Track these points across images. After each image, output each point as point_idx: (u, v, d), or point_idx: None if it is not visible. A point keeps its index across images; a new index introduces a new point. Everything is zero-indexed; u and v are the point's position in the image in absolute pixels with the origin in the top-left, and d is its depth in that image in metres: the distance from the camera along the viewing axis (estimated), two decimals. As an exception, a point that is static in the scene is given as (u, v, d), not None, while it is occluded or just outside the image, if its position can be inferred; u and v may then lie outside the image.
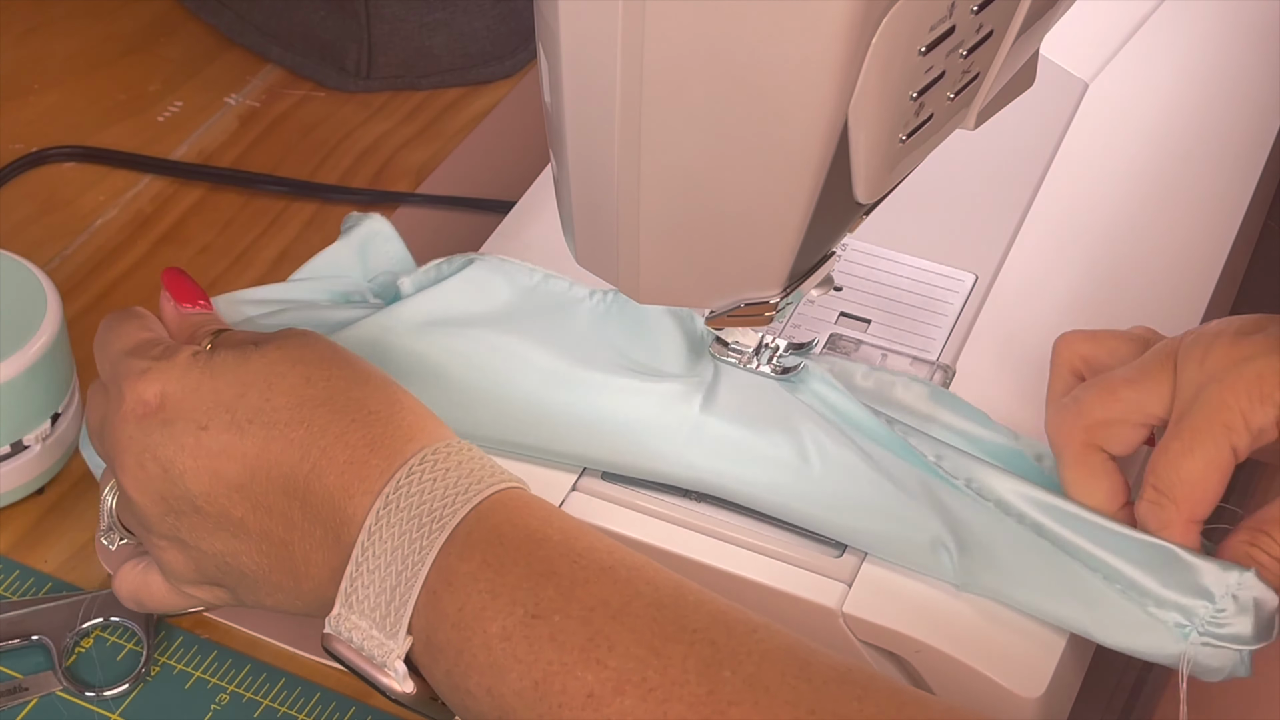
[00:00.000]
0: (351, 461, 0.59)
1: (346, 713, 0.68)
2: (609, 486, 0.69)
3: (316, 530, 0.60)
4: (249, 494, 0.60)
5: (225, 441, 0.61)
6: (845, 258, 0.78)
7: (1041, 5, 0.61)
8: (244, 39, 1.01)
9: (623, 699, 0.54)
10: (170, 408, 0.62)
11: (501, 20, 1.00)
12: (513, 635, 0.56)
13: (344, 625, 0.59)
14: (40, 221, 0.90)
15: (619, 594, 0.56)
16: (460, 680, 0.57)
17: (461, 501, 0.58)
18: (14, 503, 0.75)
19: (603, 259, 0.63)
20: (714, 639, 0.55)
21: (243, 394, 0.61)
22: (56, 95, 0.97)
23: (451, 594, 0.57)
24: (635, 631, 0.55)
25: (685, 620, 0.56)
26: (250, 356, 0.62)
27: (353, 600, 0.58)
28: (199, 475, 0.61)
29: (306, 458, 0.60)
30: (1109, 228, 0.80)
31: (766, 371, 0.69)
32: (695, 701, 0.54)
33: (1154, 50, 0.90)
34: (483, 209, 0.91)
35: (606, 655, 0.55)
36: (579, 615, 0.56)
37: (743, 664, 0.54)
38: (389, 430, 0.60)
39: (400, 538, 0.58)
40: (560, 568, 0.57)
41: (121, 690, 0.68)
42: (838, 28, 0.53)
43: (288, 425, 0.60)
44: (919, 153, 0.62)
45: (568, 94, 0.57)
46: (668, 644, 0.55)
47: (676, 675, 0.54)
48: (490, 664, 0.56)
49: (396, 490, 0.58)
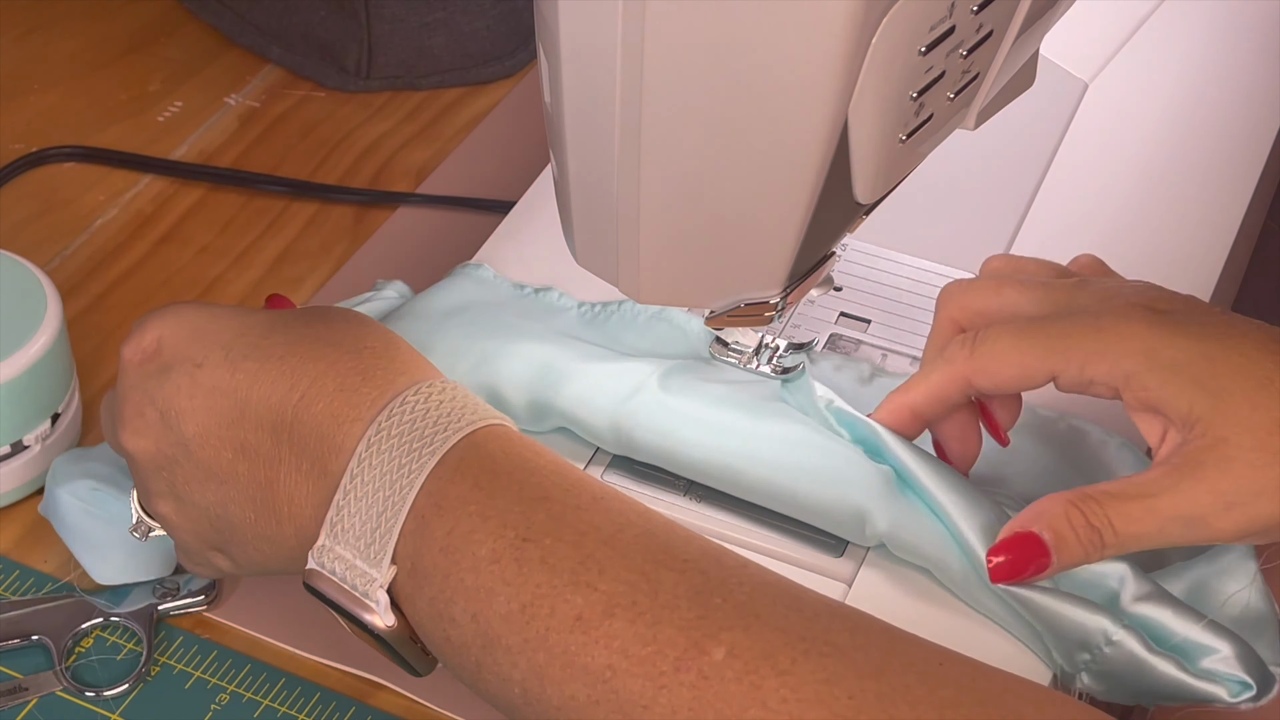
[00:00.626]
0: (342, 389, 0.59)
1: (346, 713, 0.68)
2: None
3: (304, 464, 0.60)
4: (237, 432, 0.60)
5: (218, 377, 0.61)
6: (845, 258, 0.78)
7: (1041, 5, 0.61)
8: (244, 39, 1.01)
9: (612, 621, 0.54)
10: (168, 352, 0.62)
11: (501, 20, 1.00)
12: (502, 558, 0.56)
13: (327, 557, 0.58)
14: (40, 221, 0.90)
15: (611, 521, 0.56)
16: (445, 607, 0.56)
17: (454, 429, 0.58)
18: (14, 503, 0.75)
19: (603, 259, 0.63)
20: (705, 569, 0.55)
21: (242, 334, 0.61)
22: (56, 95, 0.97)
23: (441, 517, 0.57)
24: (627, 557, 0.55)
25: (676, 550, 0.56)
26: (258, 310, 0.63)
27: (338, 530, 0.58)
28: (194, 415, 0.61)
29: (296, 387, 0.60)
30: (1109, 228, 0.80)
31: (766, 371, 0.70)
32: (685, 625, 0.53)
33: (1154, 50, 0.90)
34: (483, 209, 0.91)
35: (597, 579, 0.54)
36: (570, 539, 0.55)
37: (734, 592, 0.54)
38: (382, 363, 0.60)
39: (390, 464, 0.57)
40: (553, 494, 0.57)
41: (121, 690, 0.68)
42: (838, 28, 0.53)
43: (281, 358, 0.60)
44: (919, 153, 0.62)
45: (568, 94, 0.57)
46: (659, 569, 0.55)
47: (667, 599, 0.54)
48: (477, 587, 0.56)
49: (389, 418, 0.58)
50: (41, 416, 0.74)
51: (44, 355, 0.72)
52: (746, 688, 0.52)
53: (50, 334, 0.73)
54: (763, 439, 0.66)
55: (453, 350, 0.70)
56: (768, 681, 0.52)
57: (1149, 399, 0.61)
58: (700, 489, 0.68)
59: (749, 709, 0.51)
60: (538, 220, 0.80)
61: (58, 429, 0.75)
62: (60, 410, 0.75)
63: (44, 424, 0.74)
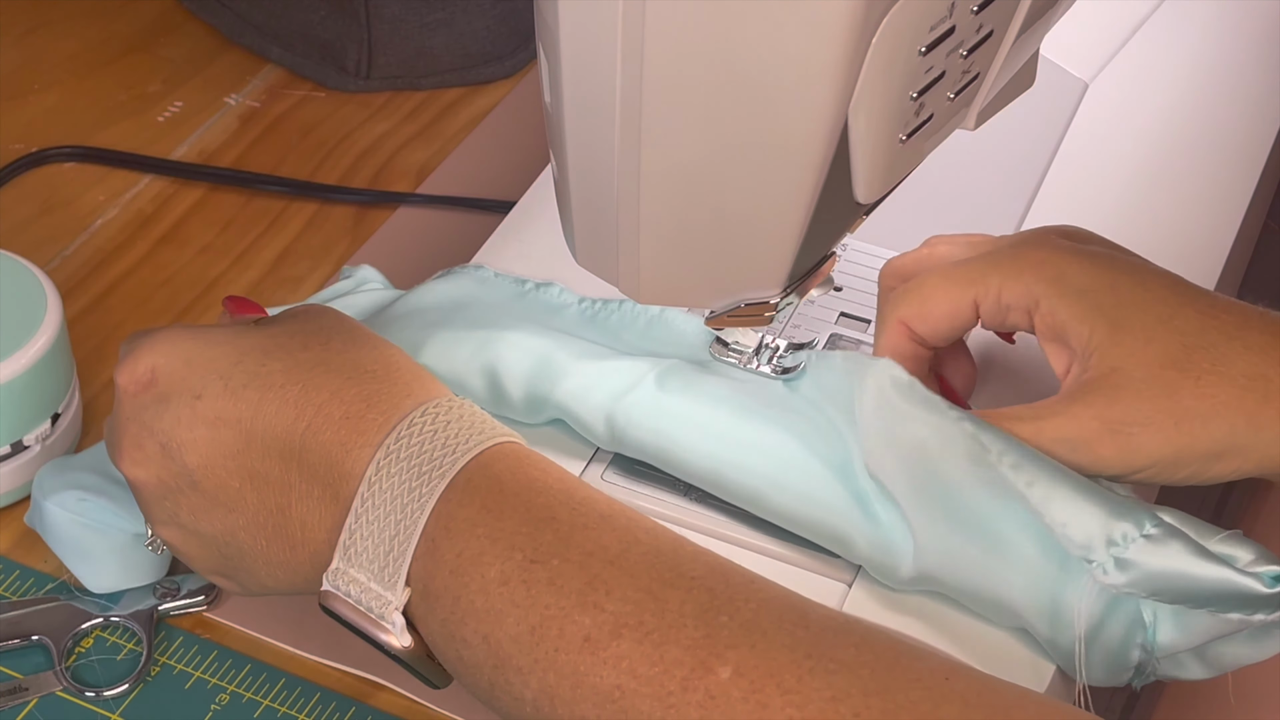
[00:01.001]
0: (348, 416, 0.59)
1: (346, 713, 0.68)
2: (609, 486, 0.69)
3: (315, 490, 0.60)
4: (245, 461, 0.60)
5: (220, 408, 0.60)
6: (845, 258, 0.78)
7: (1041, 5, 0.61)
8: (244, 39, 1.01)
9: (619, 642, 0.54)
10: (163, 381, 0.62)
11: (501, 20, 1.00)
12: (510, 580, 0.56)
13: (342, 580, 0.59)
14: (40, 221, 0.90)
15: (618, 540, 0.56)
16: (456, 629, 0.57)
17: (462, 451, 0.58)
18: (14, 503, 0.75)
19: (603, 259, 0.63)
20: (711, 586, 0.55)
21: (239, 361, 0.61)
22: (56, 95, 0.97)
23: (450, 540, 0.57)
24: (633, 576, 0.55)
25: (683, 568, 0.56)
26: (249, 329, 0.63)
27: (351, 553, 0.58)
28: (196, 447, 0.61)
29: (301, 416, 0.60)
30: (1109, 228, 0.80)
31: (766, 371, 0.69)
32: (692, 644, 0.53)
33: (1154, 50, 0.90)
34: (483, 209, 0.91)
35: (604, 599, 0.55)
36: (577, 560, 0.56)
37: (740, 610, 0.54)
38: (385, 387, 0.60)
39: (400, 487, 0.58)
40: (559, 514, 0.57)
41: (121, 690, 0.68)
42: (838, 28, 0.53)
43: (283, 387, 0.60)
44: (919, 153, 0.62)
45: (568, 94, 0.57)
46: (665, 589, 0.55)
47: (673, 619, 0.54)
48: (487, 609, 0.56)
49: (397, 442, 0.58)
50: (41, 416, 0.74)
51: (44, 355, 0.72)
52: (753, 707, 0.52)
53: (50, 334, 0.73)
54: (752, 449, 0.66)
55: (454, 339, 0.70)
56: (774, 700, 0.52)
57: (1056, 323, 0.64)
58: (701, 490, 0.68)
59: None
60: (538, 220, 0.80)
61: (58, 429, 0.75)
62: (60, 410, 0.75)
63: (44, 424, 0.74)
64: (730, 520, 0.68)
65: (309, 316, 0.64)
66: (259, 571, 0.62)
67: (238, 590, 0.65)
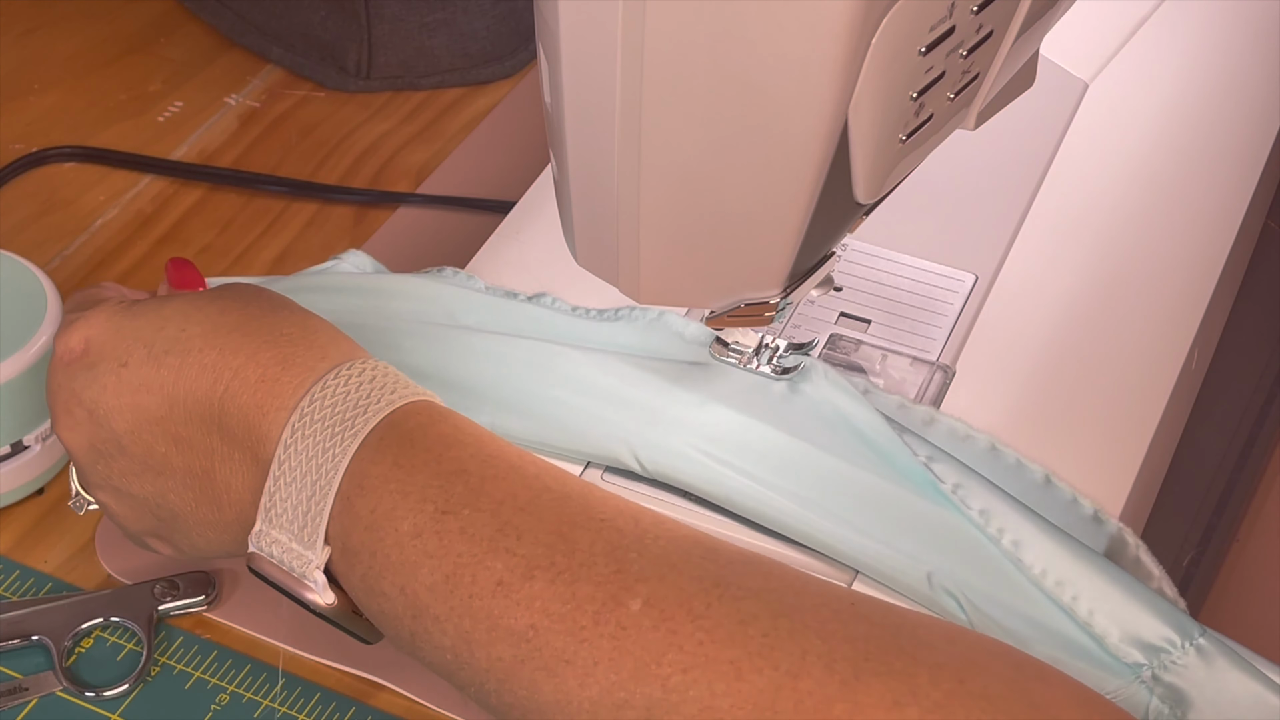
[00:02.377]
0: (264, 379, 0.60)
1: (346, 713, 0.68)
2: (609, 486, 0.69)
3: (236, 453, 0.61)
4: (169, 427, 0.62)
5: (144, 375, 0.62)
6: (845, 258, 0.78)
7: (1041, 5, 0.61)
8: (244, 39, 1.01)
9: (531, 583, 0.55)
10: (94, 351, 0.63)
11: (501, 20, 1.00)
12: (424, 532, 0.57)
13: (265, 541, 0.60)
14: (40, 221, 0.90)
15: (527, 488, 0.58)
16: (375, 582, 0.58)
17: (374, 411, 0.59)
18: (14, 503, 0.75)
19: (603, 259, 0.63)
20: (620, 527, 0.56)
21: (161, 328, 0.63)
22: (56, 95, 0.97)
23: (364, 497, 0.58)
24: (543, 521, 0.56)
25: (592, 510, 0.57)
26: (173, 298, 0.64)
27: (272, 515, 0.60)
28: (122, 413, 0.62)
29: (219, 380, 0.61)
30: (1109, 228, 0.80)
31: (766, 372, 0.69)
32: (602, 580, 0.54)
33: (1154, 50, 0.90)
34: (483, 209, 0.91)
35: (515, 544, 0.56)
36: (488, 509, 0.57)
37: (649, 547, 0.56)
38: (301, 350, 0.61)
39: (315, 448, 0.59)
40: (470, 466, 0.58)
41: (121, 690, 0.68)
42: (838, 28, 0.53)
43: (201, 351, 0.62)
44: (919, 153, 0.62)
45: (568, 94, 0.57)
46: (575, 530, 0.56)
47: (584, 558, 0.55)
48: (402, 562, 0.57)
49: (311, 404, 0.59)
50: (42, 416, 0.74)
51: (44, 355, 0.72)
52: (664, 634, 0.53)
53: (50, 334, 0.73)
54: (805, 484, 0.66)
55: (420, 333, 0.70)
56: (684, 627, 0.53)
57: None
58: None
59: (666, 653, 0.53)
60: (538, 221, 0.80)
61: (58, 429, 0.75)
62: (60, 410, 0.75)
63: (44, 424, 0.74)
64: (730, 520, 0.68)
65: (232, 286, 0.65)
66: (192, 533, 0.64)
67: (174, 553, 0.66)
